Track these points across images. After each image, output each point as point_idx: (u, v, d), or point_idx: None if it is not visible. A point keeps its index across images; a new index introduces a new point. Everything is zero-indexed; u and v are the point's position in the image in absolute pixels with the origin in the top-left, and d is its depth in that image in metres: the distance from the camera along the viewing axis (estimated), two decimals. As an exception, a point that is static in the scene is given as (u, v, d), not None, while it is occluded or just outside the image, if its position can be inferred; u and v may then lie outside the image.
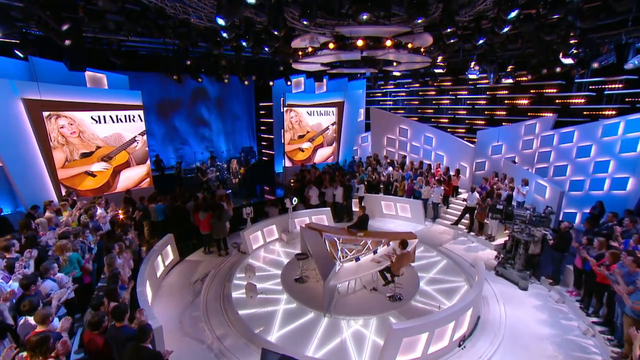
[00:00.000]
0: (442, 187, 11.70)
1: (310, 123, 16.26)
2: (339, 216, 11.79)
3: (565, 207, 10.31)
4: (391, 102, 19.99)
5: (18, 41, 8.97)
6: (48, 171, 9.83)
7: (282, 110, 15.56)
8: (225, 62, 12.78)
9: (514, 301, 7.05)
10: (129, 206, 8.75)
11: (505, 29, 5.43)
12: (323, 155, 17.18)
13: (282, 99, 15.40)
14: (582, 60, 8.75)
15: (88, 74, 10.96)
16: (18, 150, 9.34)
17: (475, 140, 13.21)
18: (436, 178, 12.33)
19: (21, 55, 9.05)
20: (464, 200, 10.93)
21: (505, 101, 13.84)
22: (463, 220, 11.17)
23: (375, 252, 7.54)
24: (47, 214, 7.03)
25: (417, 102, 18.36)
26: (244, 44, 7.46)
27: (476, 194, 10.42)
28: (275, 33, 5.49)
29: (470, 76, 12.49)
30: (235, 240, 9.83)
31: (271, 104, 16.52)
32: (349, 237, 8.34)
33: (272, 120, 16.89)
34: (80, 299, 5.40)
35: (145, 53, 13.09)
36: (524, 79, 12.10)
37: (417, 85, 17.71)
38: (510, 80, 11.83)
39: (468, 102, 15.54)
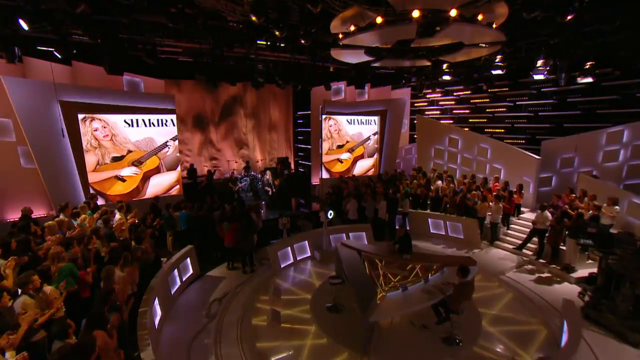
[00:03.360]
0: (502, 204, 9.97)
1: (350, 132, 15.20)
2: (381, 234, 10.40)
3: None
4: (438, 112, 18.43)
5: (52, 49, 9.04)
6: (79, 174, 9.63)
7: (320, 118, 14.68)
8: (262, 66, 12.26)
9: (622, 362, 5.22)
10: (149, 213, 8.12)
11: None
12: (363, 167, 15.95)
13: (320, 106, 14.55)
14: None
15: (126, 78, 10.90)
16: (52, 152, 9.26)
17: (539, 151, 11.35)
18: (494, 194, 10.61)
19: (59, 56, 9.02)
20: (532, 221, 9.09)
21: (579, 106, 11.82)
22: (529, 245, 9.32)
23: (426, 280, 6.11)
24: (61, 216, 6.52)
25: (467, 111, 16.65)
26: (277, 33, 6.62)
27: (548, 214, 8.59)
28: (311, 8, 4.57)
29: (536, 77, 10.82)
30: (265, 256, 8.83)
31: (309, 112, 15.74)
32: (393, 259, 6.99)
33: (309, 129, 16.08)
34: (76, 317, 4.61)
35: (184, 60, 12.92)
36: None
37: (468, 92, 16.07)
38: (589, 80, 9.89)
39: (529, 109, 13.64)
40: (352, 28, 4.75)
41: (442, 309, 5.72)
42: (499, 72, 11.63)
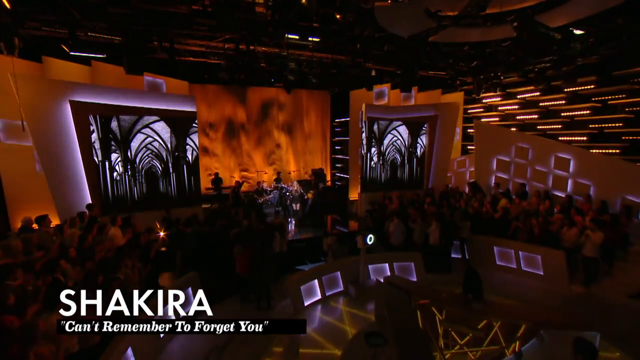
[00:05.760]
0: (601, 233, 7.39)
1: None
2: (433, 264, 8.24)
3: None
4: (497, 119, 15.86)
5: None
6: (88, 182, 8.71)
7: (360, 126, 12.95)
8: (294, 65, 10.90)
9: None
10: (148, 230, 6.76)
11: None
12: (409, 180, 13.84)
13: (361, 111, 12.84)
14: None
15: (147, 78, 10.08)
16: (59, 156, 8.40)
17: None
18: (588, 217, 8.05)
19: (67, 50, 8.29)
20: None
21: None
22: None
23: (518, 355, 3.97)
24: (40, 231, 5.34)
25: (536, 116, 13.97)
26: (303, 1, 5.07)
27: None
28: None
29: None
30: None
31: (348, 119, 14.11)
32: (456, 308, 4.92)
33: (348, 138, 14.42)
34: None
35: (212, 62, 11.99)
36: None
37: (537, 93, 13.46)
38: None
39: (627, 109, 10.81)
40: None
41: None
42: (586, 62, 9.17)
